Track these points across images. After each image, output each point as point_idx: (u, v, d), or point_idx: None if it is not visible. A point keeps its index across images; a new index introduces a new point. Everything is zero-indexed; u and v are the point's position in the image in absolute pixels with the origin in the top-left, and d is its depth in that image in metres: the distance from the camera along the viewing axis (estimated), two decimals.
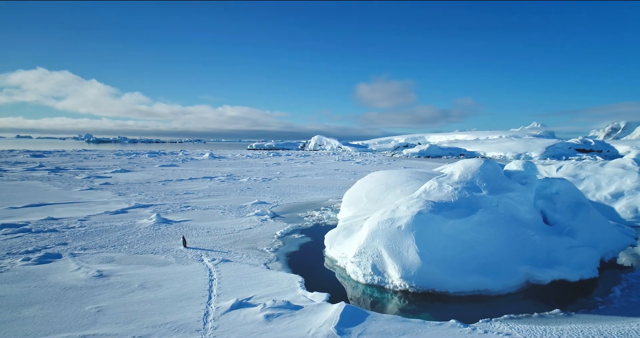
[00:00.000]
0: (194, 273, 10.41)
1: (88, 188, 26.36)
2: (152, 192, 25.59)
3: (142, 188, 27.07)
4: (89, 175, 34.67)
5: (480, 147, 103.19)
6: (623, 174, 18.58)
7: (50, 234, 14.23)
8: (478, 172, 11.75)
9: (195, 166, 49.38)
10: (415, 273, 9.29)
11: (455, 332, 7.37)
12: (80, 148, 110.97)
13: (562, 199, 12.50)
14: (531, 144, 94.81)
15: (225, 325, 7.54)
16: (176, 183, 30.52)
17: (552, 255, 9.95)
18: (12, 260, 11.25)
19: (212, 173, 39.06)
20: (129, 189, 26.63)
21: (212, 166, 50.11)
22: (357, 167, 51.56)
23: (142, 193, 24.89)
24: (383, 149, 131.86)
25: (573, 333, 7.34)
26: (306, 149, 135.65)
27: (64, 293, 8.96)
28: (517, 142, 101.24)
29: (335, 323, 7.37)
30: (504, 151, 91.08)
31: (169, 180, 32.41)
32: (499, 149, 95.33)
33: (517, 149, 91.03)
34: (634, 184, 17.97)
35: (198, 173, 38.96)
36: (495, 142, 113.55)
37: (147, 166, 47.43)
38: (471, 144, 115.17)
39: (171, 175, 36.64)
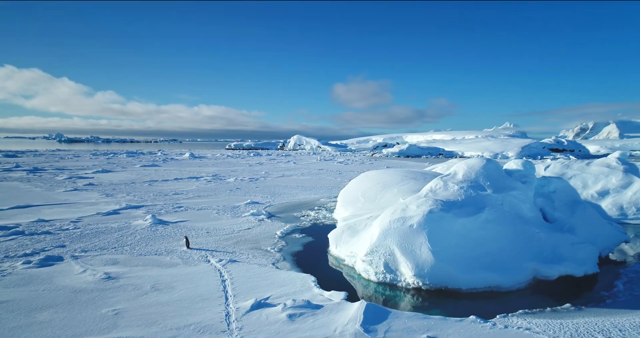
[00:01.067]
0: (204, 274, 10.31)
1: (72, 189, 25.69)
2: (139, 192, 25.13)
3: (128, 189, 26.54)
4: (70, 176, 33.76)
5: (458, 146, 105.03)
6: (608, 173, 19.26)
7: (45, 236, 13.83)
8: (481, 171, 12.01)
9: (177, 166, 48.68)
10: (429, 270, 9.44)
11: (476, 328, 7.53)
12: (54, 148, 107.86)
13: (559, 197, 12.90)
14: (507, 144, 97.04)
15: (250, 325, 7.51)
16: (162, 184, 30.04)
17: (558, 251, 10.26)
18: (12, 264, 10.90)
19: (196, 174, 38.59)
20: (115, 190, 26.07)
21: (195, 166, 49.50)
22: (340, 167, 51.76)
23: (129, 194, 24.41)
24: (362, 149, 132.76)
25: (589, 327, 7.60)
26: (286, 148, 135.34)
27: (75, 297, 8.75)
28: (494, 142, 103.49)
29: (360, 321, 7.44)
30: (482, 151, 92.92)
31: (154, 181, 31.87)
32: (476, 148, 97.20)
33: (494, 148, 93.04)
34: (618, 183, 18.66)
35: (182, 174, 38.43)
36: (472, 141, 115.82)
37: (128, 166, 46.50)
38: (449, 143, 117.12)
39: (155, 176, 36.04)
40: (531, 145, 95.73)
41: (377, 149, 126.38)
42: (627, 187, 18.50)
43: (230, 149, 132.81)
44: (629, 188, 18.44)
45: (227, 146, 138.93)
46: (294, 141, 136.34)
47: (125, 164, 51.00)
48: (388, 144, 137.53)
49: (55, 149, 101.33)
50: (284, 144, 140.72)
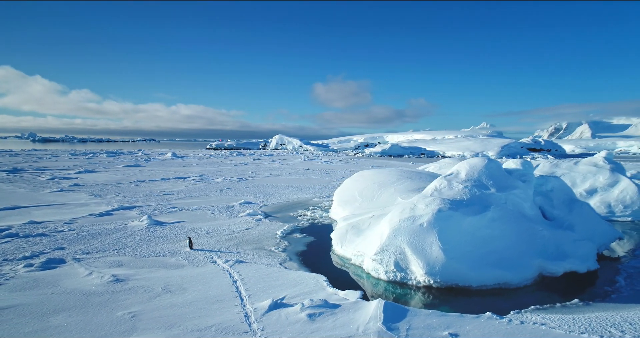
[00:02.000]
0: (214, 275, 10.22)
1: (58, 190, 25.07)
2: (128, 193, 24.69)
3: (116, 190, 26.05)
4: (53, 176, 32.91)
5: (439, 146, 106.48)
6: (596, 172, 19.84)
7: (41, 238, 13.49)
8: (483, 171, 12.24)
9: (161, 166, 47.98)
10: (440, 268, 9.59)
11: (494, 324, 7.69)
12: (29, 148, 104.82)
13: (557, 196, 13.25)
14: (487, 143, 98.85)
15: (271, 325, 7.49)
16: (150, 184, 29.58)
17: (561, 248, 10.55)
18: (13, 267, 10.61)
19: (183, 174, 38.12)
20: (102, 190, 25.56)
21: (179, 166, 48.88)
22: (326, 167, 51.85)
23: (119, 194, 23.96)
24: (344, 148, 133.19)
25: (601, 321, 7.85)
26: (268, 148, 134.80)
27: (86, 300, 8.58)
28: (474, 142, 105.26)
29: (381, 319, 7.51)
30: (462, 150, 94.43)
31: (140, 181, 31.36)
32: (457, 148, 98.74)
33: (475, 148, 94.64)
34: (606, 181, 19.24)
35: (168, 174, 37.91)
36: (453, 141, 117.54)
37: (111, 166, 45.61)
38: (430, 143, 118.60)
39: (140, 176, 35.46)
40: (510, 144, 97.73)
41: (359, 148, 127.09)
42: (614, 186, 19.10)
43: (212, 148, 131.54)
44: (616, 186, 19.05)
45: (208, 146, 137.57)
46: (276, 141, 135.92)
47: (107, 164, 50.00)
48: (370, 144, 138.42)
49: (31, 148, 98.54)
50: (265, 143, 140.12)
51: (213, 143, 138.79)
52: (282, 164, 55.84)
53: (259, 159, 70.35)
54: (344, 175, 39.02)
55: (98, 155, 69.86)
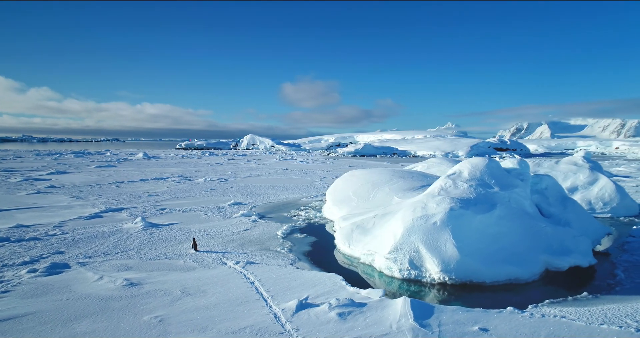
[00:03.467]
0: (228, 277, 10.12)
1: (35, 192, 24.10)
2: (111, 194, 23.99)
3: (97, 191, 25.25)
4: (25, 178, 31.56)
5: (410, 146, 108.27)
6: (576, 171, 20.75)
7: (35, 243, 12.98)
8: (485, 170, 12.62)
9: (135, 167, 46.78)
10: (454, 265, 9.84)
11: (517, 318, 7.97)
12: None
13: (551, 194, 13.81)
14: (457, 143, 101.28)
15: (305, 325, 7.52)
16: (130, 185, 28.84)
17: (564, 244, 11.02)
18: (15, 273, 10.18)
19: (160, 174, 37.31)
20: (82, 192, 24.72)
21: (153, 166, 47.81)
22: (304, 167, 51.86)
23: (101, 196, 23.24)
24: (316, 148, 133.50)
25: (615, 313, 8.26)
26: (239, 148, 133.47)
27: (106, 305, 8.34)
28: (444, 142, 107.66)
29: (412, 317, 7.66)
30: (433, 150, 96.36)
31: (119, 182, 30.51)
32: (427, 147, 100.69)
33: (445, 147, 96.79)
34: (586, 179, 20.16)
35: (145, 175, 37.01)
36: (423, 141, 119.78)
37: (82, 167, 44.13)
38: (401, 143, 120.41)
39: (117, 177, 34.49)
40: (479, 144, 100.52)
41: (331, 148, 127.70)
42: (594, 184, 20.04)
43: (181, 148, 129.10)
44: (595, 184, 19.99)
45: (178, 146, 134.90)
46: (247, 141, 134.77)
47: (77, 164, 48.35)
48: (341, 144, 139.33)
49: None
50: (236, 143, 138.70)
51: (182, 143, 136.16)
52: (258, 164, 55.48)
53: (233, 159, 69.61)
54: (324, 175, 39.20)
55: (65, 155, 67.41)
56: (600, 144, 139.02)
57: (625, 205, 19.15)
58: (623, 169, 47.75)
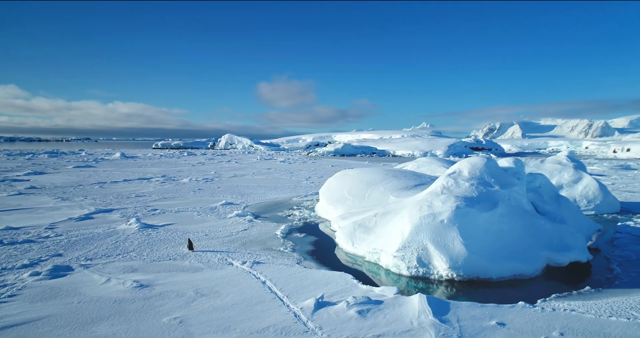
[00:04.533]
0: (239, 277, 10.07)
1: (16, 194, 23.35)
2: (97, 195, 23.44)
3: (81, 192, 24.63)
4: (2, 179, 30.52)
5: (389, 145, 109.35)
6: (561, 169, 21.43)
7: (30, 245, 12.61)
8: (485, 169, 12.91)
9: (114, 167, 45.79)
10: (462, 262, 10.06)
11: (530, 312, 8.22)
12: None
13: (545, 192, 14.24)
14: (435, 143, 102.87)
15: (327, 324, 7.56)
16: (114, 186, 28.24)
17: (564, 240, 11.40)
18: (17, 276, 9.88)
19: (142, 175, 36.65)
20: (66, 193, 24.08)
21: (133, 166, 46.91)
22: (287, 166, 51.77)
23: (87, 197, 22.69)
24: (295, 148, 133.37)
25: (620, 305, 8.60)
26: (217, 147, 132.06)
27: (120, 307, 8.19)
28: (422, 141, 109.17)
29: (431, 313, 7.81)
30: (412, 149, 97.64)
31: (102, 182, 29.84)
32: (406, 147, 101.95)
33: (423, 147, 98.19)
34: (570, 178, 20.84)
35: (127, 175, 36.29)
36: (401, 141, 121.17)
37: (59, 167, 42.93)
38: (379, 142, 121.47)
39: (98, 177, 33.71)
40: (456, 144, 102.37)
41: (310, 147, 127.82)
42: (578, 182, 20.74)
43: (157, 148, 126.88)
44: (580, 183, 20.69)
45: (154, 145, 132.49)
46: (225, 140, 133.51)
47: (53, 164, 47.00)
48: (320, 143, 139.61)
49: None
50: (214, 143, 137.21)
51: (159, 143, 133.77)
52: (240, 164, 55.10)
53: (213, 158, 68.90)
54: (309, 175, 39.25)
55: (38, 155, 65.43)
56: (570, 143, 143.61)
57: (607, 203, 19.88)
58: (596, 168, 49.47)
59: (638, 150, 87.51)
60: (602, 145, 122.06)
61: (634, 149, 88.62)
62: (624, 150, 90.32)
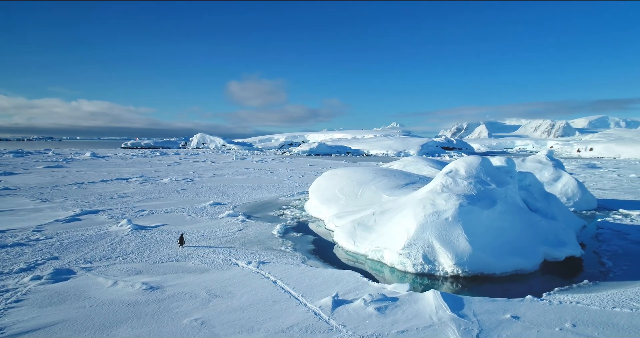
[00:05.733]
0: (247, 277, 10.02)
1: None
2: (77, 196, 22.73)
3: (60, 193, 23.82)
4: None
5: (362, 145, 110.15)
6: (541, 168, 22.23)
7: (22, 248, 12.15)
8: (480, 168, 13.27)
9: (87, 167, 44.43)
10: (467, 259, 10.34)
11: (539, 305, 8.54)
12: None
13: (535, 190, 14.77)
14: (407, 143, 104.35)
15: (349, 321, 7.64)
16: (92, 186, 27.44)
17: (559, 236, 11.87)
18: (17, 280, 9.53)
19: (119, 175, 35.72)
20: (43, 194, 23.24)
21: (107, 166, 45.64)
22: (264, 166, 51.49)
23: (67, 198, 21.97)
24: (268, 147, 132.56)
25: (620, 297, 9.03)
26: (189, 147, 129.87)
27: (136, 310, 8.04)
28: (395, 141, 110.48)
29: (448, 308, 8.02)
30: (385, 149, 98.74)
31: (79, 183, 28.95)
32: (379, 147, 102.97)
33: (397, 147, 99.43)
34: (550, 176, 21.64)
35: (102, 175, 35.31)
36: (374, 140, 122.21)
37: (28, 168, 41.34)
38: (352, 142, 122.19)
39: (73, 177, 32.65)
40: (428, 143, 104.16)
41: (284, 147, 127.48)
42: (558, 180, 21.56)
43: (127, 147, 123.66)
44: (559, 181, 21.51)
45: (123, 145, 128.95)
46: (197, 139, 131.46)
47: (21, 165, 45.18)
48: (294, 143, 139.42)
49: None
50: (186, 142, 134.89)
51: (128, 142, 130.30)
52: (216, 164, 54.42)
53: (188, 158, 67.81)
54: (290, 175, 39.19)
55: (2, 155, 62.69)
56: (536, 143, 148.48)
57: (586, 200, 20.76)
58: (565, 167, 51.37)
59: (600, 149, 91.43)
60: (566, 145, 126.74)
61: (597, 149, 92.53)
62: (587, 150, 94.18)
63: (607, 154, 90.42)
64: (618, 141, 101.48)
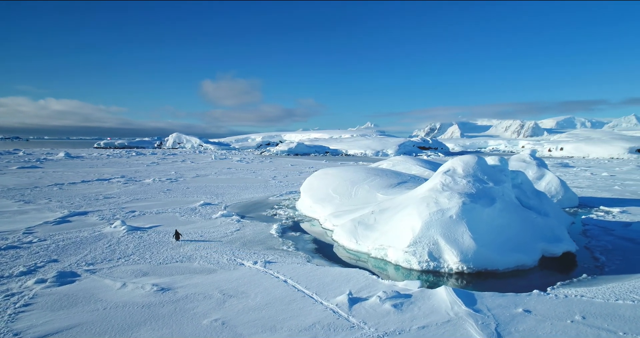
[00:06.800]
0: (257, 277, 10.01)
1: None
2: (61, 197, 22.10)
3: (42, 194, 23.10)
4: None
5: (340, 145, 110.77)
6: (526, 167, 22.88)
7: (17, 251, 11.77)
8: (477, 167, 13.59)
9: (64, 167, 43.20)
10: (472, 256, 10.59)
11: (546, 299, 8.83)
12: None
13: (526, 188, 15.21)
14: (385, 142, 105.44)
15: (369, 318, 7.73)
16: (74, 187, 26.72)
17: (555, 232, 12.28)
18: (21, 284, 9.25)
19: (99, 175, 34.89)
20: (25, 195, 22.51)
21: (84, 167, 44.49)
22: (246, 166, 51.19)
23: (51, 199, 21.34)
24: (246, 147, 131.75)
25: (620, 290, 9.40)
26: (164, 147, 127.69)
27: (153, 311, 7.92)
28: (372, 141, 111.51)
29: (463, 303, 8.22)
30: (364, 149, 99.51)
31: (59, 184, 28.14)
32: (358, 146, 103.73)
33: (375, 146, 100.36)
34: (535, 175, 22.30)
35: (81, 176, 34.41)
36: (352, 140, 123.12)
37: (3, 168, 39.87)
38: (330, 142, 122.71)
39: (52, 178, 31.70)
40: (405, 143, 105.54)
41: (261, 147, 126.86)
42: (541, 178, 22.24)
43: (101, 147, 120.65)
44: (543, 179, 22.20)
45: (96, 145, 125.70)
46: (173, 139, 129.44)
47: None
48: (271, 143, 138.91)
49: None
50: (161, 142, 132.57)
51: (101, 142, 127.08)
52: (197, 164, 53.78)
53: (166, 158, 66.73)
54: (274, 174, 39.09)
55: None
56: (508, 143, 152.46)
57: (568, 197, 21.49)
58: None
59: (570, 149, 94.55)
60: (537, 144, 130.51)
61: (567, 148, 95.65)
62: (558, 149, 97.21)
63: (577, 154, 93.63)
64: (587, 141, 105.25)
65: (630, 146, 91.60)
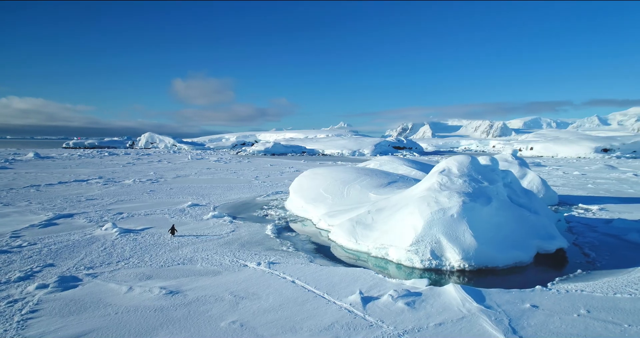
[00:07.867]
0: (264, 278, 9.97)
1: None
2: (41, 199, 21.37)
3: (19, 196, 22.28)
4: None
5: (316, 144, 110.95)
6: (508, 166, 23.51)
7: (8, 256, 11.32)
8: (471, 166, 13.91)
9: (35, 168, 41.72)
10: (473, 253, 10.85)
11: (548, 295, 9.14)
12: None
13: (516, 187, 15.65)
14: (361, 142, 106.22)
15: (386, 317, 7.83)
16: (52, 189, 25.86)
17: (547, 230, 12.69)
18: (21, 290, 8.92)
19: (75, 176, 33.89)
20: (0, 197, 21.64)
21: (57, 168, 43.08)
22: (225, 166, 50.67)
23: (31, 202, 20.60)
24: (220, 147, 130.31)
25: (616, 284, 9.80)
26: (136, 147, 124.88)
27: (167, 315, 7.80)
28: (348, 140, 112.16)
29: (473, 300, 8.42)
30: (340, 148, 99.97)
31: (36, 185, 27.18)
32: (334, 146, 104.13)
33: (351, 146, 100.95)
34: (517, 174, 22.92)
35: (56, 177, 33.32)
36: (328, 140, 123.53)
37: None
38: (306, 141, 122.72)
39: (26, 180, 30.59)
40: (380, 143, 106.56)
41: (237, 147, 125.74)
42: (523, 178, 22.91)
43: (70, 147, 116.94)
44: (525, 178, 22.87)
45: (65, 145, 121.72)
46: (146, 139, 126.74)
47: None
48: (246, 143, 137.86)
49: None
50: (133, 142, 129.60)
51: (70, 141, 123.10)
52: (174, 164, 52.90)
53: (141, 158, 65.32)
54: (256, 175, 38.86)
55: None
56: (479, 143, 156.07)
57: (549, 196, 22.22)
58: None
59: (539, 148, 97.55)
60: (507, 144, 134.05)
61: (536, 148, 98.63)
62: (528, 149, 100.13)
63: (546, 153, 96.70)
64: (555, 141, 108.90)
65: (596, 146, 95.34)
